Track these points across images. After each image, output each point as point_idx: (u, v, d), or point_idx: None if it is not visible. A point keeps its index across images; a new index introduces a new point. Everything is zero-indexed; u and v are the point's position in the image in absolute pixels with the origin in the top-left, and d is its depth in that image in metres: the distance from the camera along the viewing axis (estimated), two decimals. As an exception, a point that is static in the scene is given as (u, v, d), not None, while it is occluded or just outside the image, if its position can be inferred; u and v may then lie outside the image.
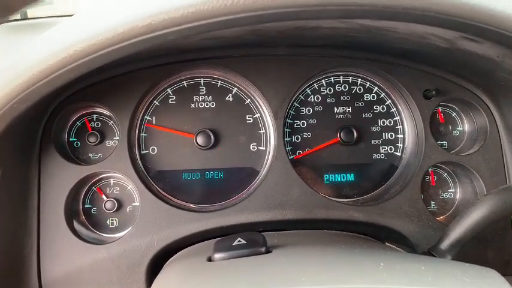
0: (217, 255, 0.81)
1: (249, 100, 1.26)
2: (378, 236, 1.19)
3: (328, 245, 0.98)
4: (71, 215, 1.12)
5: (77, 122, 1.20)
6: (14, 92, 0.74)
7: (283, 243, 0.89)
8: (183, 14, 0.65)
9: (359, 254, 0.86)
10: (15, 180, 1.03)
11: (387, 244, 1.17)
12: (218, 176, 1.24)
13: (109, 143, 1.21)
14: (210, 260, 0.83)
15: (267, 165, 1.23)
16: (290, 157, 1.24)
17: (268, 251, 0.82)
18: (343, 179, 1.29)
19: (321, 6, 0.63)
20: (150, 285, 1.04)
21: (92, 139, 1.19)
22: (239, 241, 0.83)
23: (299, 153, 1.28)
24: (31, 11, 1.66)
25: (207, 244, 1.06)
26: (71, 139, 1.20)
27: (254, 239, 0.85)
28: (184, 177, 1.23)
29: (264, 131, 1.25)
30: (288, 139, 1.27)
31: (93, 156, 1.20)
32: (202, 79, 1.25)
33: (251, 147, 1.25)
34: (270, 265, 0.76)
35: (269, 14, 0.67)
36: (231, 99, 1.26)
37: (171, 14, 0.65)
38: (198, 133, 1.22)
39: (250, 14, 0.67)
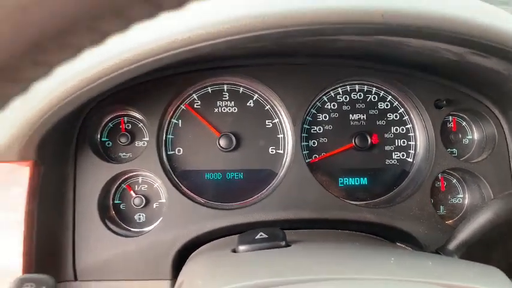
0: (241, 247, 0.89)
1: (268, 106, 1.34)
2: (389, 237, 1.25)
3: (343, 243, 1.05)
4: (103, 209, 1.20)
5: (109, 124, 1.29)
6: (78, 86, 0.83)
7: (300, 239, 0.96)
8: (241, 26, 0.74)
9: (372, 250, 0.93)
10: (54, 176, 1.13)
11: (398, 244, 1.24)
12: (238, 176, 1.32)
13: (138, 143, 1.29)
14: (234, 251, 0.91)
15: (284, 168, 1.31)
16: (307, 160, 1.31)
17: (287, 245, 0.90)
18: (357, 182, 1.36)
19: (342, 25, 0.71)
20: (175, 276, 1.12)
21: (123, 139, 1.27)
22: (261, 235, 0.91)
23: (315, 157, 1.35)
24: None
25: (229, 239, 1.14)
26: (103, 139, 1.29)
27: (275, 233, 0.92)
28: (207, 177, 1.31)
29: (282, 135, 1.33)
30: (305, 143, 1.34)
31: (123, 156, 1.29)
32: (225, 86, 1.34)
33: (270, 150, 1.33)
34: (290, 257, 0.83)
35: (292, 31, 0.76)
36: (252, 105, 1.34)
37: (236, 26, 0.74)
38: (221, 136, 1.30)
39: (275, 31, 0.75)
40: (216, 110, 1.33)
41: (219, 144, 1.30)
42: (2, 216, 1.01)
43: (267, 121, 1.34)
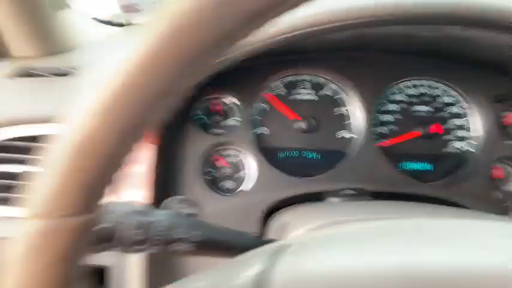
0: (332, 199, 1.08)
1: (344, 94, 1.52)
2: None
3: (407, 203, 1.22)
4: (203, 173, 1.43)
5: (207, 103, 1.52)
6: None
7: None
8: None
9: (438, 208, 1.10)
10: (168, 141, 1.36)
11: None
12: (312, 155, 1.51)
13: (230, 121, 1.51)
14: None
15: (355, 150, 1.49)
16: (375, 144, 1.48)
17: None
18: (420, 167, 1.52)
19: (433, 15, 0.89)
20: (262, 229, 1.32)
21: (218, 117, 1.50)
22: (348, 190, 1.10)
23: (383, 141, 1.52)
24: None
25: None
26: (202, 116, 1.51)
27: (360, 192, 1.11)
28: (286, 154, 1.51)
29: (354, 121, 1.51)
30: (374, 129, 1.52)
31: (217, 131, 1.50)
32: (306, 75, 1.54)
33: (343, 134, 1.52)
34: (376, 204, 1.02)
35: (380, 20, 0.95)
36: (329, 93, 1.53)
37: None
38: (300, 120, 1.49)
39: (381, 19, 0.95)
40: (297, 96, 1.53)
41: (298, 127, 1.49)
42: (135, 169, 1.25)
43: (342, 108, 1.53)
